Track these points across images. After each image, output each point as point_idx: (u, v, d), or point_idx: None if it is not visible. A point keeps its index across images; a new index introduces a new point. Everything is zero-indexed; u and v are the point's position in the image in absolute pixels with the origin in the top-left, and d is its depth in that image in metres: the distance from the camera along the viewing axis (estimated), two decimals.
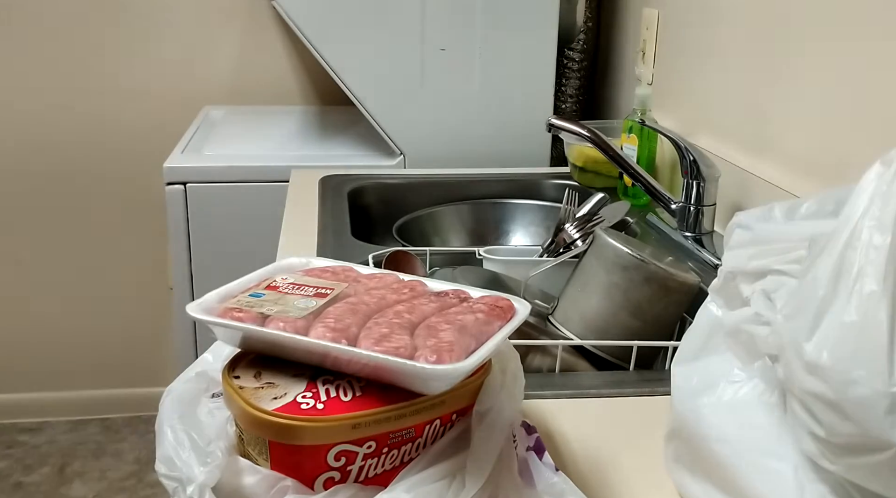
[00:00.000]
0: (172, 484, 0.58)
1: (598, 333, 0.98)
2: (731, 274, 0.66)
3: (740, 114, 1.34)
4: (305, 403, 0.58)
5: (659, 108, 1.57)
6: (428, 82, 1.76)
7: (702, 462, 0.64)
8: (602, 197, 1.30)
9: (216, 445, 0.59)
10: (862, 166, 0.55)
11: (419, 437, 0.60)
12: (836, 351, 0.52)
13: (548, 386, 0.87)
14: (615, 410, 0.84)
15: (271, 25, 2.27)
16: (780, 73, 1.21)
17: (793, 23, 1.18)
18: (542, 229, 1.58)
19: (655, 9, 1.65)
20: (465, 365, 0.58)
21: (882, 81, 1.00)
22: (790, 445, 0.58)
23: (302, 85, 2.33)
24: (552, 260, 1.16)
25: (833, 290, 0.53)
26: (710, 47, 1.43)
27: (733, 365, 0.65)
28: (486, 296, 0.69)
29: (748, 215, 0.67)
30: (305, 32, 1.72)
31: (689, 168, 1.27)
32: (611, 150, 1.30)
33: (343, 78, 1.74)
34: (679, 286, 0.97)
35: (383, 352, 0.58)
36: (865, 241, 0.52)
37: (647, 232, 1.37)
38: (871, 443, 0.50)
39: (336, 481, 0.58)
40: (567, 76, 1.95)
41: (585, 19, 1.88)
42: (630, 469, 0.73)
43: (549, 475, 0.62)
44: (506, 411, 0.62)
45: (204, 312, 0.64)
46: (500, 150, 1.80)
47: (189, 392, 0.66)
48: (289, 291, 0.67)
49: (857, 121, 1.05)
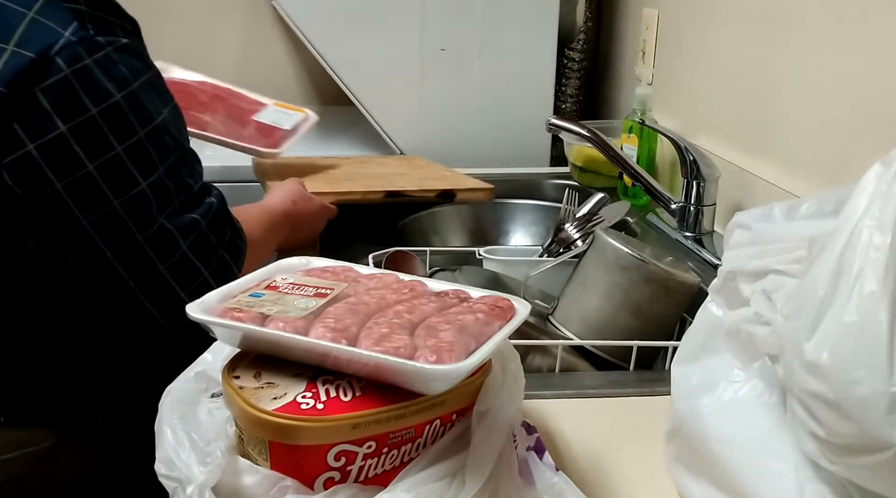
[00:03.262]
0: (172, 484, 0.58)
1: (598, 333, 0.98)
2: (731, 274, 0.66)
3: (740, 114, 1.33)
4: (305, 403, 0.58)
5: (659, 108, 1.57)
6: (428, 82, 1.76)
7: (702, 462, 0.65)
8: (602, 197, 1.30)
9: (216, 445, 0.59)
10: (862, 166, 0.55)
11: (419, 437, 0.60)
12: (836, 351, 0.52)
13: (548, 386, 0.87)
14: (615, 410, 0.84)
15: (271, 25, 2.27)
16: (780, 73, 1.21)
17: (793, 23, 1.18)
18: (542, 229, 1.58)
19: (655, 9, 1.65)
20: (465, 365, 0.58)
21: (882, 81, 1.00)
22: (790, 445, 0.58)
23: (302, 85, 2.33)
24: (552, 260, 1.16)
25: (833, 290, 0.53)
26: (711, 47, 1.43)
27: (733, 365, 0.65)
28: (486, 296, 0.69)
29: (748, 215, 0.67)
30: (305, 32, 1.72)
31: (689, 168, 1.27)
32: (611, 150, 1.30)
33: (343, 78, 1.74)
34: (679, 286, 0.97)
35: (383, 352, 0.58)
36: (865, 241, 0.52)
37: (647, 232, 1.37)
38: (871, 443, 0.50)
39: (336, 481, 0.58)
40: (567, 76, 1.95)
41: (585, 19, 1.88)
42: (630, 469, 0.73)
43: (549, 475, 0.62)
44: (506, 411, 0.62)
45: (204, 312, 0.64)
46: (500, 150, 1.80)
47: (189, 392, 0.66)
48: (289, 291, 0.67)
49: (857, 121, 1.05)
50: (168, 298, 0.94)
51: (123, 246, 0.90)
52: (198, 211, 0.94)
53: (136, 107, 0.89)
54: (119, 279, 0.92)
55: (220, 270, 0.96)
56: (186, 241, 0.92)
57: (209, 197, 0.97)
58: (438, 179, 1.42)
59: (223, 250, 0.96)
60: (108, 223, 0.89)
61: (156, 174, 0.90)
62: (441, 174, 1.49)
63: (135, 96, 0.89)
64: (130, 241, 0.90)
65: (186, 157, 0.96)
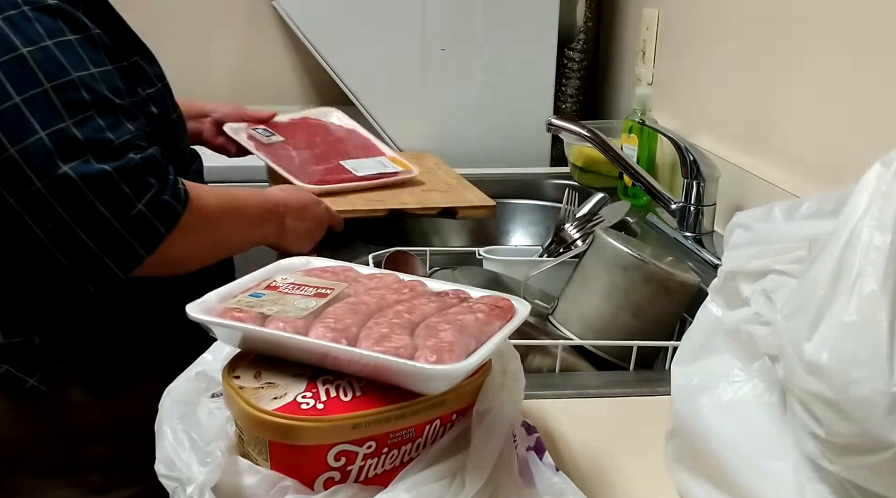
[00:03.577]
0: (172, 484, 0.58)
1: (598, 333, 0.98)
2: (731, 274, 0.66)
3: (740, 114, 1.33)
4: (305, 403, 0.58)
5: (659, 108, 1.57)
6: (428, 82, 1.76)
7: (702, 462, 0.64)
8: (602, 197, 1.30)
9: (216, 445, 0.59)
10: (862, 166, 0.55)
11: (419, 437, 0.60)
12: (836, 351, 0.52)
13: (548, 386, 0.87)
14: (615, 410, 0.84)
15: (271, 25, 2.27)
16: (780, 73, 1.21)
17: (793, 23, 1.18)
18: (542, 229, 1.58)
19: (655, 9, 1.65)
20: (465, 365, 0.58)
21: (882, 81, 1.00)
22: (790, 445, 0.58)
23: (302, 85, 2.33)
24: (552, 260, 1.16)
25: (833, 290, 0.53)
26: (710, 47, 1.43)
27: (733, 365, 0.65)
28: (486, 296, 0.69)
29: (748, 215, 0.67)
30: (305, 32, 1.72)
31: (689, 168, 1.27)
32: (611, 150, 1.30)
33: (343, 78, 1.74)
34: (679, 286, 0.97)
35: (383, 352, 0.58)
36: (865, 241, 0.52)
37: (647, 232, 1.37)
38: (871, 443, 0.50)
39: (336, 481, 0.58)
40: (567, 76, 1.95)
41: (585, 19, 1.88)
42: (630, 469, 0.73)
43: (549, 475, 0.62)
44: (506, 411, 0.62)
45: (204, 312, 0.64)
46: (500, 150, 1.80)
47: (189, 392, 0.66)
48: (289, 291, 0.67)
49: (857, 121, 1.05)
50: (77, 249, 0.94)
51: (25, 193, 0.92)
52: (112, 163, 0.94)
53: (46, 61, 0.93)
54: (27, 228, 0.94)
55: (136, 226, 0.95)
56: (94, 192, 0.92)
57: (133, 153, 0.96)
58: (442, 192, 1.42)
59: (143, 206, 0.95)
60: (6, 170, 0.92)
61: (59, 125, 0.92)
62: (446, 183, 1.49)
63: (46, 51, 0.93)
64: (31, 189, 0.91)
65: (114, 113, 0.97)
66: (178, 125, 1.15)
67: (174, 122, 1.13)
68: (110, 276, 0.96)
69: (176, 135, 1.14)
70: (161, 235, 0.96)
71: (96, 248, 0.94)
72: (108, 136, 0.94)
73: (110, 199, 0.93)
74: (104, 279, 0.96)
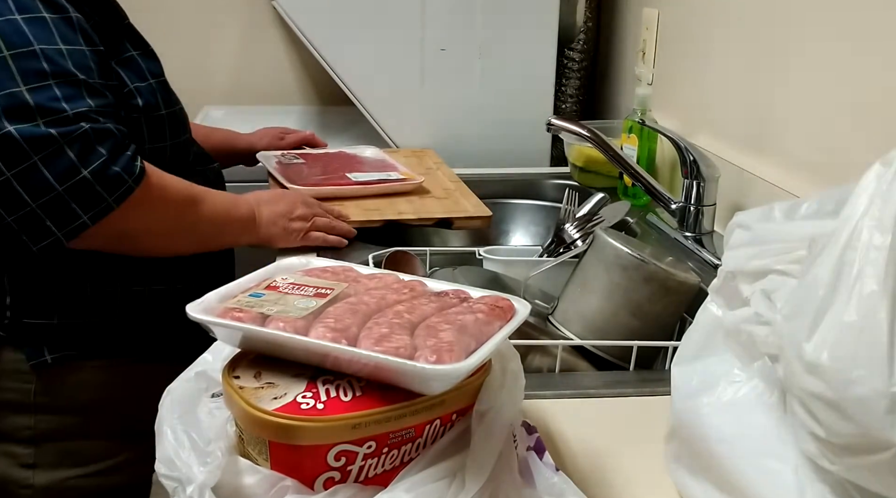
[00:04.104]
0: (172, 484, 0.58)
1: (598, 333, 0.98)
2: (731, 274, 0.66)
3: (740, 114, 1.34)
4: (305, 403, 0.58)
5: (659, 108, 1.57)
6: (428, 82, 1.76)
7: (702, 462, 0.65)
8: (602, 197, 1.30)
9: (216, 445, 0.59)
10: (862, 166, 0.55)
11: (419, 437, 0.60)
12: (836, 351, 0.52)
13: (548, 386, 0.87)
14: (615, 410, 0.84)
15: (271, 25, 2.27)
16: (780, 72, 1.21)
17: (793, 23, 1.18)
18: (542, 229, 1.58)
19: (655, 9, 1.65)
20: (465, 365, 0.58)
21: (882, 81, 1.00)
22: (790, 445, 0.58)
23: (302, 85, 2.33)
24: (552, 260, 1.16)
25: (833, 290, 0.53)
26: (710, 47, 1.43)
27: (733, 365, 0.65)
28: (486, 296, 0.69)
29: (748, 215, 0.67)
30: (305, 32, 1.72)
31: (689, 168, 1.27)
32: (611, 150, 1.30)
33: (343, 78, 1.74)
34: (679, 286, 0.97)
35: (383, 352, 0.58)
36: (865, 241, 0.52)
37: (647, 232, 1.37)
38: (871, 443, 0.50)
39: (336, 481, 0.58)
40: (567, 76, 1.95)
41: (585, 19, 1.88)
42: (630, 469, 0.73)
43: (549, 475, 0.62)
44: (506, 411, 0.62)
45: (204, 312, 0.64)
46: (500, 150, 1.80)
47: (189, 392, 0.66)
48: (289, 291, 0.67)
49: (857, 121, 1.05)
50: (18, 207, 0.96)
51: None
52: (59, 129, 0.95)
53: (11, 33, 0.97)
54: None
55: (80, 192, 0.96)
56: (38, 154, 0.94)
57: (84, 123, 0.97)
58: (439, 199, 1.43)
59: (89, 174, 0.96)
60: None
61: (13, 89, 0.95)
62: (444, 188, 1.49)
63: (13, 23, 0.97)
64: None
65: (75, 86, 0.98)
66: (167, 120, 1.16)
67: (163, 117, 1.15)
68: (52, 239, 0.98)
69: (163, 130, 1.15)
70: (108, 206, 0.98)
71: (38, 209, 0.96)
72: (61, 106, 0.96)
73: (53, 162, 0.95)
74: (46, 241, 0.98)
